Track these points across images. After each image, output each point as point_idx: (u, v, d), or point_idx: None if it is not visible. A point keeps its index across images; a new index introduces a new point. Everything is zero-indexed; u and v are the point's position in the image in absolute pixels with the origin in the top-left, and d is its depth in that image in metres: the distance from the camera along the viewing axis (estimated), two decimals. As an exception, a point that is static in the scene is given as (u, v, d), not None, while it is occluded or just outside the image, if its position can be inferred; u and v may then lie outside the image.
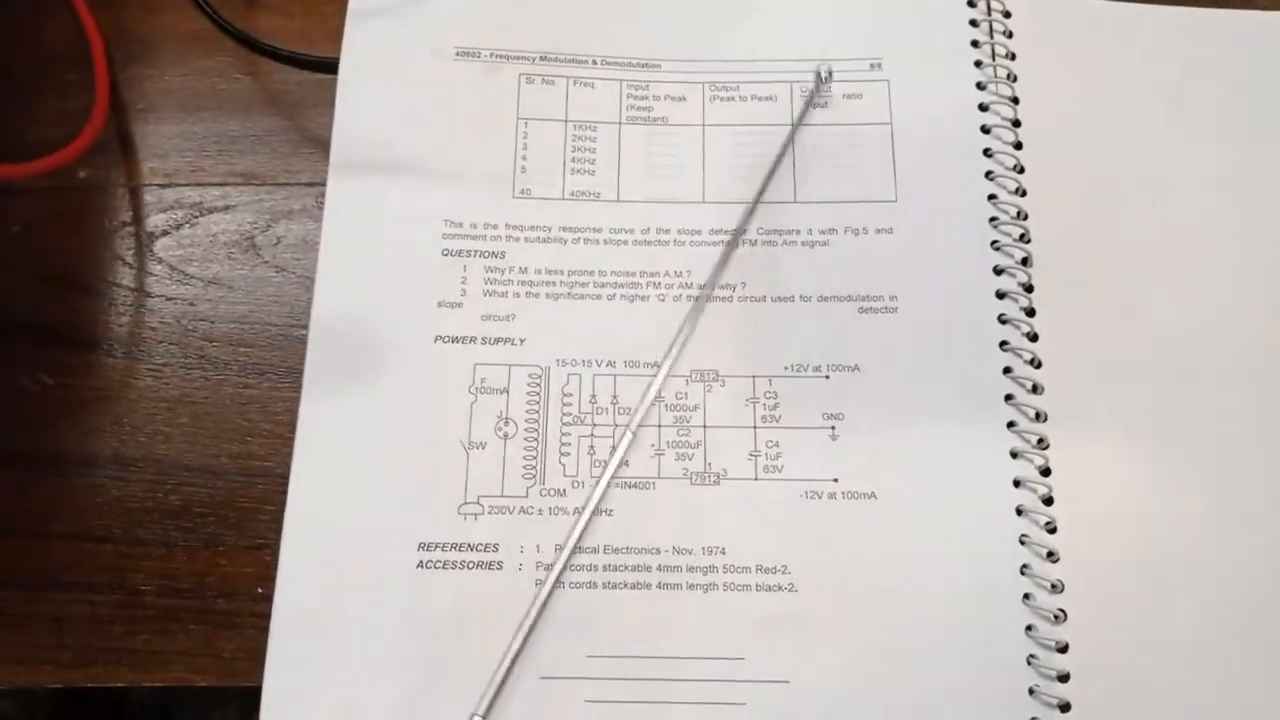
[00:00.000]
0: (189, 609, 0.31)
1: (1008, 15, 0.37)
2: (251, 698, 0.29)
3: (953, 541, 0.31)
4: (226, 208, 0.35)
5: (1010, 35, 0.36)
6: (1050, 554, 0.31)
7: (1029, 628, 0.30)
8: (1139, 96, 0.36)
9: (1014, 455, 0.32)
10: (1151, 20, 0.37)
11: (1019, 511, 0.31)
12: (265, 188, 0.35)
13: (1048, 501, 0.31)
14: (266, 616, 0.30)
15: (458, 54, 0.36)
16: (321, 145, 0.35)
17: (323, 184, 0.34)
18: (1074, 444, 0.32)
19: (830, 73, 0.36)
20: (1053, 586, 0.30)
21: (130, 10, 0.37)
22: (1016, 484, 0.32)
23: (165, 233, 0.35)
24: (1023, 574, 0.31)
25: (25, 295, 0.34)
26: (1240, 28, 0.37)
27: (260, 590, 0.31)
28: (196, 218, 0.35)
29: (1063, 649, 0.30)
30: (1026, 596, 0.30)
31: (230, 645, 0.30)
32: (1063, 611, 0.30)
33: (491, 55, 0.36)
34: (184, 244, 0.35)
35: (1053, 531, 0.31)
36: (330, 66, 0.36)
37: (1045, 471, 0.32)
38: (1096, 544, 0.31)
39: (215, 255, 0.35)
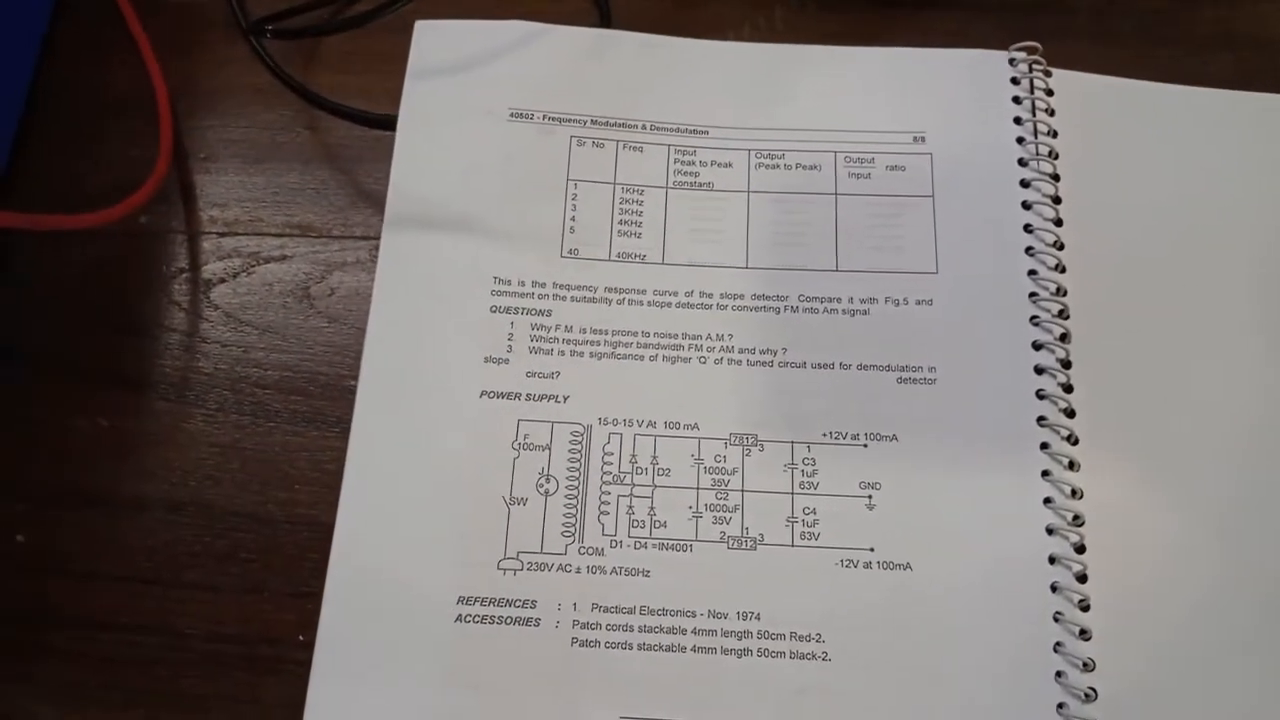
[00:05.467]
0: (232, 655, 0.31)
1: (1050, 94, 0.37)
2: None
3: (986, 617, 0.31)
4: (283, 258, 0.36)
5: (1052, 113, 0.37)
6: (1083, 632, 0.31)
7: (1060, 705, 0.30)
8: (1179, 176, 0.37)
9: (1050, 532, 0.32)
10: (1193, 101, 0.38)
11: (1054, 588, 0.31)
12: (321, 239, 0.36)
13: (1081, 579, 0.32)
14: (307, 664, 0.30)
15: (512, 115, 0.37)
16: (377, 200, 0.36)
17: (377, 238, 0.35)
18: (1110, 521, 0.32)
19: None
20: (1084, 665, 0.31)
21: (197, 62, 0.38)
22: (1052, 560, 0.32)
23: (222, 280, 0.36)
24: (1055, 651, 0.31)
25: (83, 337, 0.35)
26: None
27: (302, 638, 0.31)
28: (253, 266, 0.36)
29: (1093, 726, 0.30)
30: (1059, 674, 0.31)
31: (271, 693, 0.31)
32: (1094, 690, 0.30)
33: (545, 118, 0.37)
34: (240, 292, 0.36)
35: (1086, 610, 0.31)
36: (388, 123, 0.36)
37: (1080, 549, 0.32)
38: (1129, 617, 0.31)
39: (270, 304, 0.35)
